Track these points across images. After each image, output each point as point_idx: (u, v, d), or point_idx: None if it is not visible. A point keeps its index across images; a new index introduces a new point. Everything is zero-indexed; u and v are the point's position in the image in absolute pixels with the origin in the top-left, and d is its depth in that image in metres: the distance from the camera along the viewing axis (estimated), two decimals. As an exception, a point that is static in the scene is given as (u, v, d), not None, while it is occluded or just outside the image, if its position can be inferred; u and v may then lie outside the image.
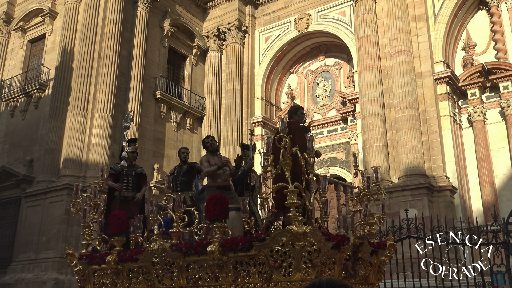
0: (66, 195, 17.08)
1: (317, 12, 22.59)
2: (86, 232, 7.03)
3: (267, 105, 23.82)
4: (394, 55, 18.67)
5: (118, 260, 6.45)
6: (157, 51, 21.97)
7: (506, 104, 18.30)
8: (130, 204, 8.18)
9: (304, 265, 4.86)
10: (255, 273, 5.16)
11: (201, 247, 5.56)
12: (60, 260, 16.58)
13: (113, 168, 8.57)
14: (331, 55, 23.93)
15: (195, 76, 23.88)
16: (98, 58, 19.06)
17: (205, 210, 5.64)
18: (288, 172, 5.13)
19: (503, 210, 16.10)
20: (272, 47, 23.73)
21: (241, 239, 5.26)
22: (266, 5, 24.38)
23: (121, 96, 19.55)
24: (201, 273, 5.63)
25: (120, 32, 19.64)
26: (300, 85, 24.55)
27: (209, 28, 24.40)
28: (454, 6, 19.29)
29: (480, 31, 20.28)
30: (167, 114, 21.77)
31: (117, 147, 19.03)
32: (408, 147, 17.27)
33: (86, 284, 7.01)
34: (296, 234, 4.78)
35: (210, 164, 7.66)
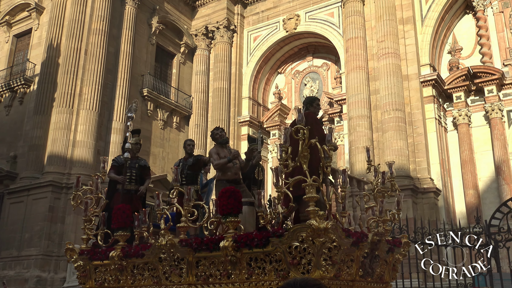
0: (50, 192, 16.94)
1: (305, 13, 22.64)
2: (87, 226, 6.72)
3: (254, 105, 23.82)
4: (382, 57, 18.78)
5: (122, 256, 6.18)
6: (145, 49, 21.86)
7: (491, 108, 18.51)
8: (133, 198, 7.92)
9: (324, 262, 4.65)
10: (271, 270, 4.94)
11: (213, 243, 5.31)
12: (43, 257, 16.43)
13: (116, 160, 8.25)
14: (319, 56, 24.01)
15: (182, 74, 23.80)
16: (85, 55, 18.90)
17: (218, 204, 5.42)
18: (305, 165, 4.94)
19: (485, 213, 16.30)
20: (260, 47, 23.74)
21: (256, 234, 5.04)
22: (255, 5, 24.37)
23: (108, 93, 19.41)
24: (212, 269, 5.39)
25: (108, 29, 19.50)
26: (288, 85, 24.59)
27: (198, 26, 24.33)
28: (441, 9, 19.47)
29: (466, 35, 20.49)
30: (154, 112, 21.67)
31: (103, 144, 18.91)
32: (394, 149, 17.39)
33: (86, 280, 6.73)
34: (317, 229, 4.57)
35: (220, 156, 7.39)
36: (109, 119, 19.29)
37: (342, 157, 20.63)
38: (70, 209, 17.07)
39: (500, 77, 18.42)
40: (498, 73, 18.46)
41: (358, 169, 17.21)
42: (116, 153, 18.82)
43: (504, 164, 17.82)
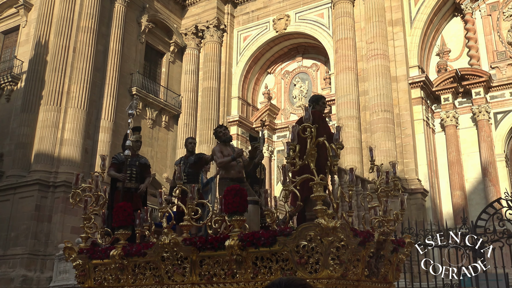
0: (37, 190, 16.79)
1: (295, 13, 22.68)
2: (87, 225, 6.58)
3: (243, 105, 23.81)
4: (371, 58, 18.87)
5: (123, 255, 6.04)
6: (134, 47, 21.74)
7: (478, 110, 18.68)
8: (134, 196, 7.78)
9: (332, 262, 4.59)
10: (277, 269, 4.87)
11: (218, 242, 5.23)
12: (29, 256, 16.27)
13: (116, 157, 8.07)
14: (309, 56, 24.06)
15: (172, 73, 23.72)
16: (73, 52, 18.76)
17: (223, 202, 5.34)
18: (313, 164, 4.86)
19: (472, 214, 16.45)
20: (250, 47, 23.73)
21: (263, 233, 4.95)
22: (245, 4, 24.36)
23: (96, 92, 19.28)
24: (217, 269, 5.30)
25: (97, 27, 19.37)
26: (277, 85, 24.62)
27: (187, 25, 24.26)
28: (430, 12, 19.61)
29: (454, 37, 20.66)
30: (142, 111, 21.56)
31: (91, 143, 18.78)
32: (382, 150, 17.47)
33: (85, 280, 6.58)
34: (325, 228, 4.49)
35: (223, 154, 7.28)
36: (97, 118, 19.17)
37: (331, 158, 20.67)
38: (57, 208, 16.94)
39: (487, 79, 18.60)
40: (486, 76, 18.63)
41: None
42: (104, 152, 18.70)
43: (491, 166, 17.99)
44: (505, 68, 19.12)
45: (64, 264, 13.97)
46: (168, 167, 21.92)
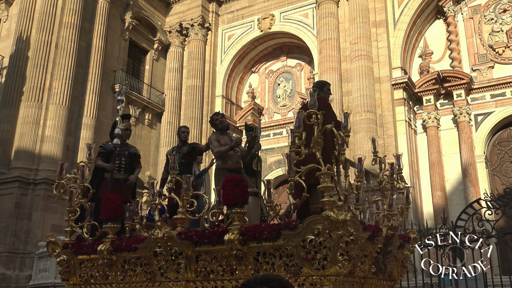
0: (17, 187, 16.56)
1: (280, 13, 22.72)
2: (72, 218, 6.14)
3: (227, 103, 23.78)
4: (354, 59, 18.99)
5: (112, 250, 5.66)
6: (117, 44, 21.56)
7: (459, 111, 18.92)
8: (122, 187, 7.34)
9: (340, 257, 4.30)
10: (281, 265, 4.56)
11: (216, 236, 4.90)
12: (8, 254, 16.03)
13: (104, 146, 7.60)
14: (293, 56, 24.12)
15: (155, 71, 23.58)
16: (56, 48, 18.53)
17: (222, 194, 4.99)
18: (319, 153, 4.55)
19: (452, 214, 16.67)
20: (235, 46, 23.71)
21: (266, 226, 4.64)
22: (230, 3, 24.33)
23: (78, 88, 19.07)
24: (214, 265, 4.98)
25: (80, 23, 19.16)
26: (261, 84, 24.63)
27: (172, 23, 24.14)
28: (413, 14, 19.80)
29: (437, 39, 20.90)
30: (125, 109, 21.35)
31: (73, 140, 18.58)
32: (364, 150, 17.59)
33: (70, 276, 6.17)
34: (335, 221, 4.21)
35: (220, 144, 6.91)
36: (79, 115, 18.97)
37: (314, 157, 20.76)
38: (37, 205, 16.73)
39: (468, 81, 18.85)
40: (467, 78, 18.88)
41: (329, 169, 17.35)
42: (85, 149, 18.51)
43: (471, 167, 18.24)
44: (486, 70, 19.40)
45: (44, 263, 13.81)
46: (151, 165, 21.80)
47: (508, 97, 18.68)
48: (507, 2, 19.80)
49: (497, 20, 19.75)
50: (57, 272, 13.21)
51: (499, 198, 10.04)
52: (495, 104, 18.90)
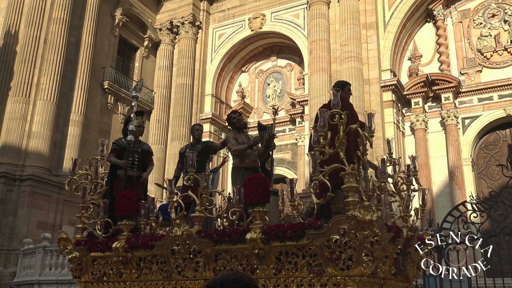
0: (3, 183, 16.39)
1: (271, 13, 22.73)
2: (84, 215, 6.03)
3: (217, 102, 23.75)
4: (344, 60, 19.06)
5: (127, 247, 5.57)
6: (107, 40, 21.42)
7: (447, 114, 19.07)
8: (135, 185, 7.27)
9: (365, 258, 4.27)
10: (304, 265, 4.50)
11: (237, 234, 4.83)
12: (-8, 251, 15.87)
13: (117, 143, 7.54)
14: (283, 56, 24.14)
15: (145, 68, 23.47)
16: (44, 43, 18.37)
17: (244, 192, 4.94)
18: (343, 153, 4.50)
19: (438, 216, 16.80)
20: (225, 45, 23.68)
21: (289, 226, 4.58)
22: (221, 2, 24.29)
23: (67, 84, 18.92)
24: (234, 264, 4.90)
25: (69, 18, 19.00)
26: (251, 84, 24.63)
27: (162, 20, 24.05)
28: (403, 16, 19.92)
29: (426, 42, 21.04)
30: (114, 106, 21.28)
31: (60, 136, 18.43)
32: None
33: (82, 274, 6.05)
34: (362, 221, 4.17)
35: (238, 142, 6.86)
36: (67, 111, 18.82)
37: (302, 158, 20.82)
38: (23, 202, 16.57)
39: (456, 85, 19.00)
40: (455, 81, 19.04)
41: (318, 170, 17.40)
42: (73, 146, 18.40)
43: (457, 170, 18.39)
44: (474, 74, 19.57)
45: (29, 260, 13.69)
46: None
47: (495, 101, 18.86)
48: (496, 7, 20.00)
49: (486, 24, 19.94)
50: (42, 269, 13.11)
51: (485, 201, 10.13)
52: (483, 108, 19.08)
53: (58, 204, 17.43)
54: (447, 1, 20.75)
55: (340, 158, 4.53)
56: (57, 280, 12.72)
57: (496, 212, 10.49)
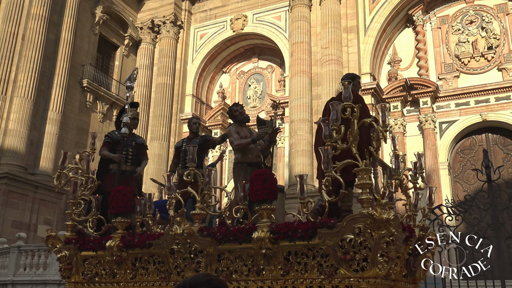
0: (-23, 181, 16.09)
1: (253, 14, 22.76)
2: (75, 211, 5.66)
3: (197, 103, 23.67)
4: (325, 63, 19.19)
5: (122, 246, 5.24)
6: (87, 38, 21.19)
7: (424, 118, 19.33)
8: (129, 180, 6.91)
9: (380, 259, 4.02)
10: (315, 266, 4.25)
11: (243, 233, 4.56)
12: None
13: (110, 135, 7.18)
14: (265, 58, 24.19)
15: (125, 67, 23.28)
16: (22, 40, 18.09)
17: (250, 188, 4.66)
18: (355, 148, 4.27)
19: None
20: (207, 45, 23.63)
21: (299, 224, 4.33)
22: (203, 2, 24.24)
23: (45, 82, 18.66)
24: (238, 264, 4.63)
25: (48, 15, 18.74)
26: (232, 85, 24.62)
27: (144, 19, 23.88)
28: (383, 21, 20.14)
29: (405, 47, 21.31)
30: (93, 104, 21.05)
31: (37, 134, 18.15)
32: (332, 154, 17.77)
33: (72, 274, 5.70)
34: (379, 220, 3.95)
35: (240, 136, 6.56)
36: (45, 109, 18.56)
37: (282, 159, 20.88)
38: (-3, 200, 16.28)
39: (434, 90, 19.28)
40: (433, 86, 19.31)
41: (298, 171, 17.48)
42: (51, 144, 18.14)
43: (434, 173, 18.65)
44: (452, 80, 19.89)
45: (3, 259, 13.45)
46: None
47: (472, 107, 19.19)
48: (474, 14, 20.36)
49: (464, 31, 20.28)
50: (16, 269, 12.89)
51: (460, 204, 10.29)
52: (459, 112, 19.39)
53: (34, 203, 17.17)
54: (427, 7, 21.04)
55: (351, 153, 4.30)
56: (31, 280, 12.52)
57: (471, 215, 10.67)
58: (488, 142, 19.35)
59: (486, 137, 19.46)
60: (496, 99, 18.89)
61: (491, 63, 19.50)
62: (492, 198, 9.66)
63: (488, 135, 19.47)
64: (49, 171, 17.81)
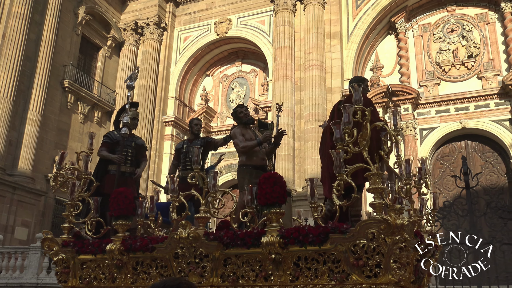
0: (-47, 182, 15.78)
1: (237, 18, 22.78)
2: (73, 213, 5.51)
3: (180, 105, 23.58)
4: (308, 68, 19.28)
5: (123, 250, 5.08)
6: (69, 38, 20.96)
7: (405, 125, 19.52)
8: (128, 181, 6.76)
9: (393, 265, 3.96)
10: (325, 271, 4.18)
11: (251, 238, 4.46)
12: None
13: (109, 136, 7.05)
14: (248, 62, 24.22)
15: (107, 68, 23.09)
16: (2, 39, 17.83)
17: (259, 192, 4.55)
18: (366, 152, 4.21)
19: (395, 224, 17.12)
20: (190, 48, 23.56)
21: (310, 229, 4.25)
22: (187, 5, 24.19)
23: (25, 81, 18.41)
24: (245, 269, 4.52)
25: (30, 14, 18.50)
26: (215, 88, 24.58)
27: (127, 20, 23.73)
28: (366, 28, 20.32)
29: (388, 54, 21.52)
30: (74, 105, 20.82)
31: (16, 134, 17.88)
32: (314, 158, 17.85)
33: (68, 278, 5.51)
34: (393, 226, 3.87)
35: (245, 138, 6.44)
36: (25, 109, 18.30)
37: (264, 163, 20.88)
38: (-26, 201, 16.00)
39: (415, 96, 19.49)
40: (414, 93, 19.53)
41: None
42: (30, 145, 17.89)
43: (414, 179, 18.82)
44: (432, 87, 20.15)
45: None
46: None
47: (452, 114, 19.45)
48: (455, 22, 20.67)
49: (445, 39, 20.57)
50: (-9, 272, 12.65)
51: (439, 210, 10.42)
52: (440, 119, 19.64)
53: (11, 205, 16.90)
54: (409, 14, 21.30)
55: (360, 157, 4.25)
56: (7, 283, 12.31)
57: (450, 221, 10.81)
58: (467, 149, 19.63)
59: (465, 144, 19.73)
60: (475, 107, 19.18)
61: (471, 72, 19.81)
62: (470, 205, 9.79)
63: (467, 142, 19.75)
64: (27, 172, 17.56)
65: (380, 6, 20.36)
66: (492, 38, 19.97)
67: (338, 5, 20.48)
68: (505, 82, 18.39)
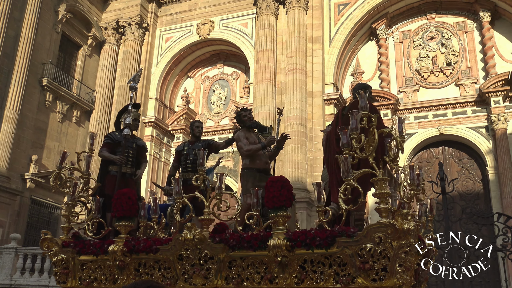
0: None
1: (220, 20, 22.76)
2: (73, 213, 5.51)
3: (160, 106, 23.44)
4: (289, 72, 19.36)
5: (126, 251, 5.07)
6: (49, 36, 20.69)
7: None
8: (129, 182, 6.75)
9: (399, 269, 4.04)
10: (331, 274, 4.23)
11: (257, 240, 4.49)
12: None
13: (111, 136, 6.99)
14: (230, 64, 24.20)
15: (87, 67, 22.84)
16: (-20, 35, 17.52)
17: (266, 195, 4.58)
18: (372, 158, 4.27)
19: (372, 228, 17.26)
20: (172, 48, 23.46)
21: (317, 232, 4.31)
22: (170, 5, 24.08)
23: (2, 79, 18.10)
24: (250, 272, 4.55)
25: (9, 10, 18.21)
26: (197, 90, 24.51)
27: (108, 19, 23.52)
28: (348, 33, 20.49)
29: (368, 59, 21.74)
30: (52, 104, 20.53)
31: (-8, 133, 17.56)
32: (294, 162, 17.93)
33: (67, 279, 5.46)
34: (400, 230, 3.95)
35: (249, 142, 6.46)
36: (2, 107, 17.99)
37: (244, 166, 20.87)
38: None
39: (395, 102, 19.72)
40: (394, 99, 19.76)
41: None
42: (6, 144, 17.58)
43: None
44: (412, 93, 20.41)
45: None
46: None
47: (430, 120, 19.73)
48: (434, 30, 20.99)
49: (425, 46, 20.87)
50: (-37, 273, 12.38)
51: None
52: (418, 125, 19.90)
53: (-14, 204, 16.59)
54: (390, 21, 21.56)
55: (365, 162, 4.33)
56: (-20, 284, 12.07)
57: (426, 226, 10.90)
58: (444, 155, 19.92)
59: (442, 150, 20.03)
60: (453, 113, 19.49)
61: (450, 79, 20.13)
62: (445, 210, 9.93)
63: (444, 148, 20.05)
64: (3, 171, 17.25)
65: (362, 12, 20.56)
66: (470, 47, 20.33)
67: (321, 10, 20.62)
68: (482, 90, 18.74)
